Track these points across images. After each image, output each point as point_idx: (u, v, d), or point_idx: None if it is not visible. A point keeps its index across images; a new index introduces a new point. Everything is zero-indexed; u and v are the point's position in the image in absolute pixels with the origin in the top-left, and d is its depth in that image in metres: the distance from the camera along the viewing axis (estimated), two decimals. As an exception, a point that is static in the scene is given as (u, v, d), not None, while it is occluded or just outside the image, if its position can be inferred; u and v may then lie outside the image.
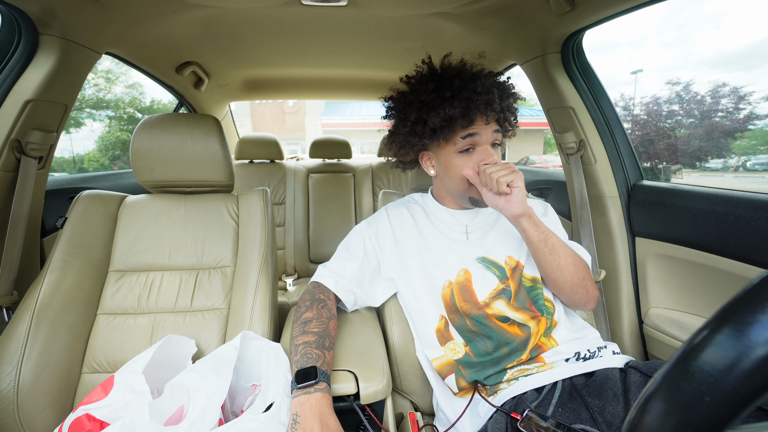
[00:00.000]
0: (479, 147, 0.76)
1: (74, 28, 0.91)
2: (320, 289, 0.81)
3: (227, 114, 2.30)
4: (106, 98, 8.00)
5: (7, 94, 0.86)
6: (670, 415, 0.22)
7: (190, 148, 0.91)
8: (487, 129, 0.76)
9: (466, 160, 0.76)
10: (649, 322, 1.02)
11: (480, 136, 0.75)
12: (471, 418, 0.70)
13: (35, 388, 0.70)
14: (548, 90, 1.15)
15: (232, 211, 0.98)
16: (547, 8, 0.93)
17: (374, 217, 0.92)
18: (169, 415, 0.59)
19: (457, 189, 0.81)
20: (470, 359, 0.73)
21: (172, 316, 0.85)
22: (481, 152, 0.76)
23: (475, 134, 0.75)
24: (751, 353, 0.19)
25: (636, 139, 7.15)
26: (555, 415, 0.61)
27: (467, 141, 0.76)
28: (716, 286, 0.89)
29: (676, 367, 0.23)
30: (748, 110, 6.34)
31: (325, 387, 0.60)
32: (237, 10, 1.08)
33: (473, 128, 0.75)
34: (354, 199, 2.07)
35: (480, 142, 0.76)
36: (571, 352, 0.72)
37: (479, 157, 0.75)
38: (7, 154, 0.88)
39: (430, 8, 1.04)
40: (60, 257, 0.82)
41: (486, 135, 0.76)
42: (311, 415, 0.56)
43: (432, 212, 0.88)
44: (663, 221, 0.98)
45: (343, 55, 1.50)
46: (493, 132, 0.76)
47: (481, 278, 0.77)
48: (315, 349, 0.66)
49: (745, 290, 0.21)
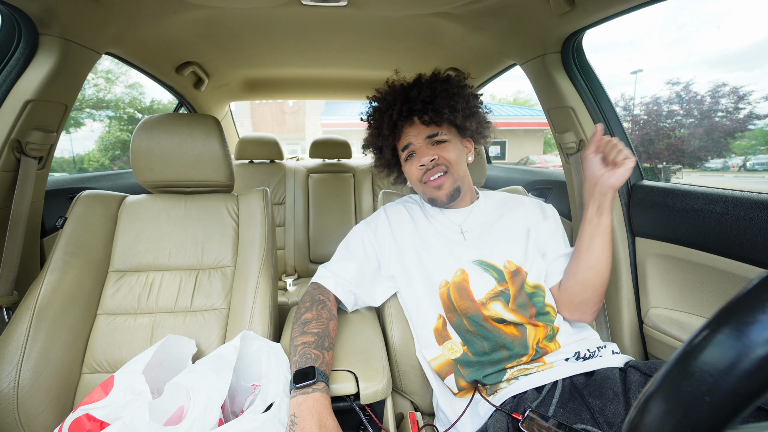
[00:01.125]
0: (417, 152, 0.84)
1: (74, 28, 0.91)
2: (320, 290, 0.81)
3: (227, 114, 2.30)
4: (106, 98, 8.01)
5: (7, 94, 0.86)
6: (670, 415, 0.22)
7: (190, 148, 0.91)
8: (419, 133, 0.83)
9: (410, 166, 0.85)
10: (649, 322, 1.02)
11: (413, 144, 0.84)
12: (471, 418, 0.70)
13: (35, 388, 0.70)
14: (548, 90, 1.15)
15: (232, 211, 0.98)
16: (547, 8, 0.93)
17: (373, 217, 0.93)
18: (169, 415, 0.59)
19: (418, 192, 0.89)
20: (468, 358, 0.73)
21: (172, 316, 0.85)
22: (418, 156, 0.83)
23: (409, 144, 0.84)
24: (751, 353, 0.19)
25: (636, 139, 7.15)
26: (556, 414, 0.61)
27: (406, 151, 0.85)
28: (716, 286, 0.89)
29: (676, 367, 0.23)
30: (748, 110, 6.34)
31: (324, 387, 0.60)
32: (237, 10, 1.08)
33: (405, 139, 0.85)
34: (354, 199, 2.07)
35: (416, 148, 0.84)
36: (571, 352, 0.72)
37: (418, 161, 0.82)
38: (7, 154, 0.88)
39: (430, 8, 1.04)
40: (60, 257, 0.82)
41: (419, 139, 0.83)
42: (309, 415, 0.55)
43: (428, 212, 0.90)
44: (663, 221, 0.98)
45: (343, 55, 1.50)
46: (426, 137, 0.82)
47: (478, 279, 0.77)
48: (314, 350, 0.66)
49: (745, 290, 0.21)
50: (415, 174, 0.84)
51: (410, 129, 0.84)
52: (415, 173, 0.84)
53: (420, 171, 0.83)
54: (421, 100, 0.81)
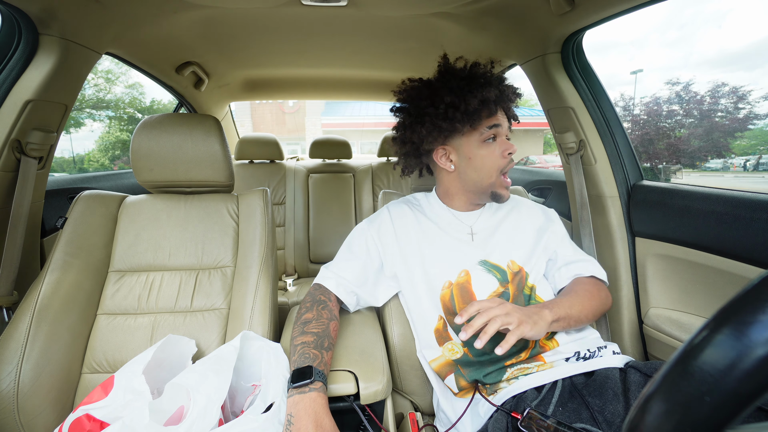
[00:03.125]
0: (499, 138, 0.80)
1: (74, 28, 0.91)
2: (321, 291, 0.81)
3: (227, 114, 2.30)
4: (106, 98, 8.00)
5: (7, 94, 0.86)
6: (670, 415, 0.22)
7: (190, 148, 0.91)
8: (505, 122, 0.81)
9: (491, 150, 0.79)
10: (649, 322, 1.02)
11: (501, 127, 0.80)
12: (471, 418, 0.70)
13: (35, 389, 0.70)
14: (548, 90, 1.15)
15: (232, 211, 0.98)
16: (547, 8, 0.93)
17: (376, 216, 0.92)
18: (169, 415, 0.59)
19: (481, 181, 0.81)
20: (468, 359, 0.73)
21: (172, 316, 0.85)
22: (501, 143, 0.80)
23: (498, 125, 0.79)
24: (751, 353, 0.19)
25: (636, 139, 7.15)
26: (555, 414, 0.61)
27: (492, 131, 0.79)
28: (716, 286, 0.89)
29: (676, 367, 0.23)
30: (748, 110, 6.34)
31: (321, 386, 0.60)
32: (237, 10, 1.08)
33: (496, 119, 0.79)
34: (354, 200, 2.07)
35: (500, 133, 0.80)
36: (571, 352, 0.72)
37: (501, 147, 0.79)
38: (7, 154, 0.88)
39: (430, 8, 1.04)
40: (60, 257, 0.82)
41: (505, 127, 0.81)
42: (305, 415, 0.55)
43: (436, 212, 0.88)
44: (663, 221, 0.98)
45: (343, 55, 1.50)
46: (509, 127, 0.82)
47: (481, 280, 0.77)
48: (313, 349, 0.66)
49: (745, 290, 0.21)
50: (497, 162, 0.78)
51: (500, 112, 0.80)
52: (498, 161, 0.78)
53: (505, 160, 0.79)
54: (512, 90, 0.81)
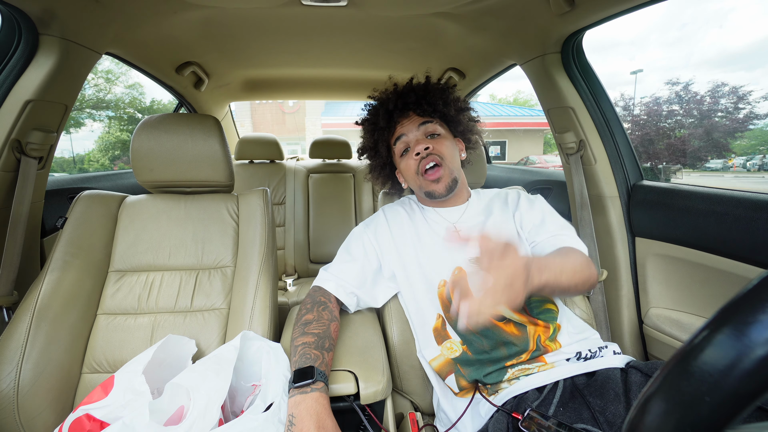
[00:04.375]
0: (412, 145, 0.85)
1: (74, 28, 0.91)
2: (321, 293, 0.81)
3: (227, 114, 2.30)
4: (106, 98, 8.01)
5: (7, 94, 0.86)
6: (670, 415, 0.22)
7: (190, 148, 0.91)
8: (411, 125, 0.86)
9: (407, 161, 0.86)
10: (649, 322, 1.02)
11: (407, 135, 0.87)
12: (472, 418, 0.70)
13: (35, 388, 0.70)
14: (548, 90, 1.15)
15: (232, 211, 0.98)
16: (547, 8, 0.93)
17: (372, 218, 0.93)
18: (169, 415, 0.59)
19: (416, 187, 0.88)
20: (468, 357, 0.73)
21: (172, 316, 0.85)
22: (414, 147, 0.84)
23: (402, 135, 0.87)
24: (751, 353, 0.19)
25: (636, 139, 7.15)
26: (556, 414, 0.61)
27: (399, 145, 0.88)
28: (716, 286, 0.89)
29: (676, 367, 0.23)
30: (748, 110, 6.34)
31: (322, 387, 0.60)
32: (237, 11, 1.08)
33: (399, 130, 0.87)
34: (354, 199, 2.07)
35: (411, 140, 0.86)
36: (573, 352, 0.72)
37: (413, 152, 0.84)
38: (7, 154, 0.88)
39: (430, 8, 1.04)
40: (60, 257, 0.82)
41: (411, 132, 0.86)
42: (307, 416, 0.55)
43: (425, 212, 0.91)
44: (663, 221, 0.98)
45: (343, 55, 1.50)
46: (420, 125, 0.86)
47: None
48: (314, 350, 0.66)
49: (745, 290, 0.21)
50: (412, 167, 0.85)
51: (405, 121, 0.87)
52: (412, 165, 0.85)
53: (416, 162, 0.84)
54: (416, 93, 0.87)
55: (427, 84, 0.89)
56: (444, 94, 0.88)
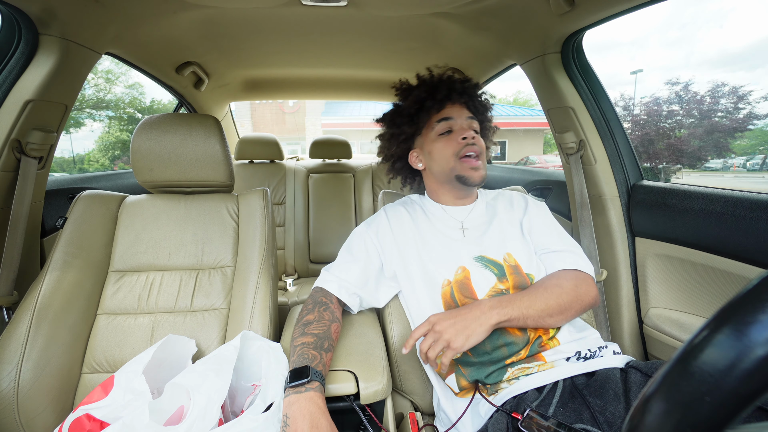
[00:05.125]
0: (456, 128, 0.85)
1: (74, 28, 0.91)
2: (323, 293, 0.81)
3: (227, 114, 2.30)
4: (106, 98, 8.01)
5: (7, 94, 0.86)
6: (670, 415, 0.22)
7: (190, 148, 0.91)
8: (461, 114, 0.86)
9: (447, 140, 0.84)
10: (649, 322, 1.02)
11: (454, 120, 0.85)
12: (472, 418, 0.70)
13: (35, 388, 0.70)
14: (548, 90, 1.15)
15: (232, 211, 0.98)
16: (547, 8, 0.93)
17: (373, 218, 0.93)
18: (169, 415, 0.59)
19: (443, 169, 0.86)
20: (469, 358, 0.73)
21: (172, 316, 0.85)
22: (457, 132, 0.83)
23: (449, 118, 0.85)
24: (751, 353, 0.19)
25: (636, 139, 7.15)
26: (556, 414, 0.61)
27: (443, 124, 0.85)
28: (716, 286, 0.89)
29: (676, 367, 0.23)
30: (748, 110, 6.34)
31: (318, 386, 0.60)
32: (237, 11, 1.08)
33: (446, 113, 0.86)
34: (354, 199, 2.07)
35: (455, 125, 0.85)
36: (572, 352, 0.72)
37: (458, 135, 0.83)
38: (7, 154, 0.88)
39: (430, 8, 1.04)
40: (60, 257, 0.82)
41: (460, 119, 0.85)
42: (301, 416, 0.55)
43: (429, 210, 0.90)
44: (663, 221, 0.98)
45: (343, 55, 1.50)
46: (467, 118, 0.86)
47: (479, 276, 0.77)
48: (312, 350, 0.66)
49: (745, 290, 0.21)
50: (452, 147, 0.83)
51: (455, 106, 0.87)
52: (453, 147, 0.83)
53: (459, 145, 0.82)
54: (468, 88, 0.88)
55: (477, 86, 0.93)
56: (487, 105, 0.94)
